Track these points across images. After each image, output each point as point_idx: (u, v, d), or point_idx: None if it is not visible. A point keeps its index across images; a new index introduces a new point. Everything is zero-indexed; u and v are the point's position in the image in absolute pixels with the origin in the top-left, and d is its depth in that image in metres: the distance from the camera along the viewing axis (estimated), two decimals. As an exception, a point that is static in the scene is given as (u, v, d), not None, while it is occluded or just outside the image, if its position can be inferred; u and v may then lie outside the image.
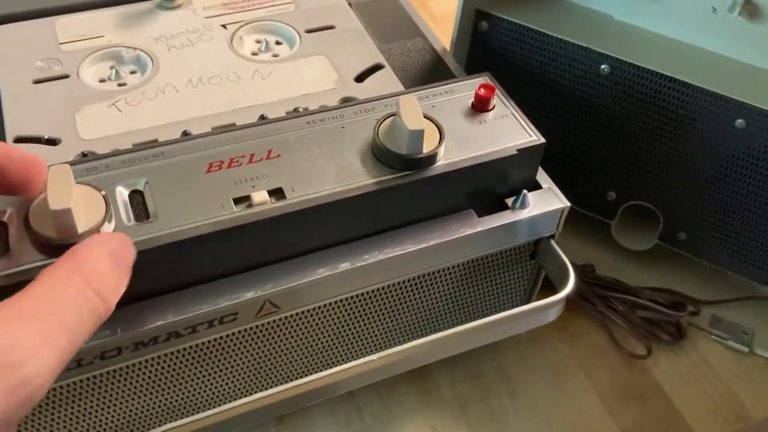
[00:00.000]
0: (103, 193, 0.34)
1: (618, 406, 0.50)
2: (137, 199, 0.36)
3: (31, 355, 0.24)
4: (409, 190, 0.39)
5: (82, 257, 0.29)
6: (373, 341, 0.45)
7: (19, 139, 0.42)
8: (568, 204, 0.42)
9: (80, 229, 0.33)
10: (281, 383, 0.38)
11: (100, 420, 0.40)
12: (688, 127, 0.48)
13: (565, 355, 0.53)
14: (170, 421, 0.36)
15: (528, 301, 0.49)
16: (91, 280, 0.28)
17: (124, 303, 0.36)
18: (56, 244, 0.32)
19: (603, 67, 0.49)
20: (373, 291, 0.41)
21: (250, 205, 0.36)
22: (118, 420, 0.40)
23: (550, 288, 0.44)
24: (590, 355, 0.53)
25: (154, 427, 0.38)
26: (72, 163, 0.36)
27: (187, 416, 0.36)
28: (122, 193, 0.36)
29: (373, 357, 0.38)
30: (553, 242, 0.44)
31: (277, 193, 0.37)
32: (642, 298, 0.54)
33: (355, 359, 0.39)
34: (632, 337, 0.54)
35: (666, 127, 0.49)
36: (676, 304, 0.54)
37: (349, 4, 0.54)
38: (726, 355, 0.54)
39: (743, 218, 0.50)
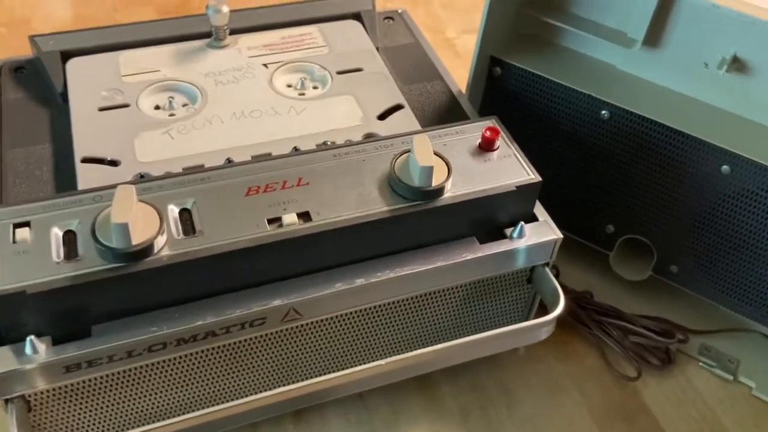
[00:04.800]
0: (159, 209, 0.41)
1: (607, 422, 0.54)
2: (186, 216, 0.42)
3: None
4: (419, 217, 0.44)
5: None
6: (382, 349, 0.51)
7: (85, 160, 0.48)
8: (561, 235, 0.47)
9: (135, 241, 0.39)
10: (299, 381, 0.43)
11: (148, 403, 0.46)
12: (679, 170, 0.53)
13: (561, 373, 0.58)
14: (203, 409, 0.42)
15: (525, 321, 0.54)
16: None
17: (170, 304, 0.42)
18: (117, 252, 0.39)
19: (603, 112, 0.54)
20: (384, 305, 0.47)
21: (280, 226, 0.42)
22: (161, 405, 0.46)
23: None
24: (584, 375, 0.57)
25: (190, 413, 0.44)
26: (132, 183, 0.43)
27: (218, 405, 0.42)
28: (173, 210, 0.42)
29: (382, 362, 0.44)
30: (547, 269, 0.49)
31: (304, 216, 0.43)
32: (635, 324, 0.58)
33: (365, 364, 0.44)
34: (624, 360, 0.58)
35: (659, 169, 0.54)
36: (666, 332, 0.58)
37: (377, 49, 0.60)
38: (712, 381, 0.57)
39: (728, 255, 0.54)
